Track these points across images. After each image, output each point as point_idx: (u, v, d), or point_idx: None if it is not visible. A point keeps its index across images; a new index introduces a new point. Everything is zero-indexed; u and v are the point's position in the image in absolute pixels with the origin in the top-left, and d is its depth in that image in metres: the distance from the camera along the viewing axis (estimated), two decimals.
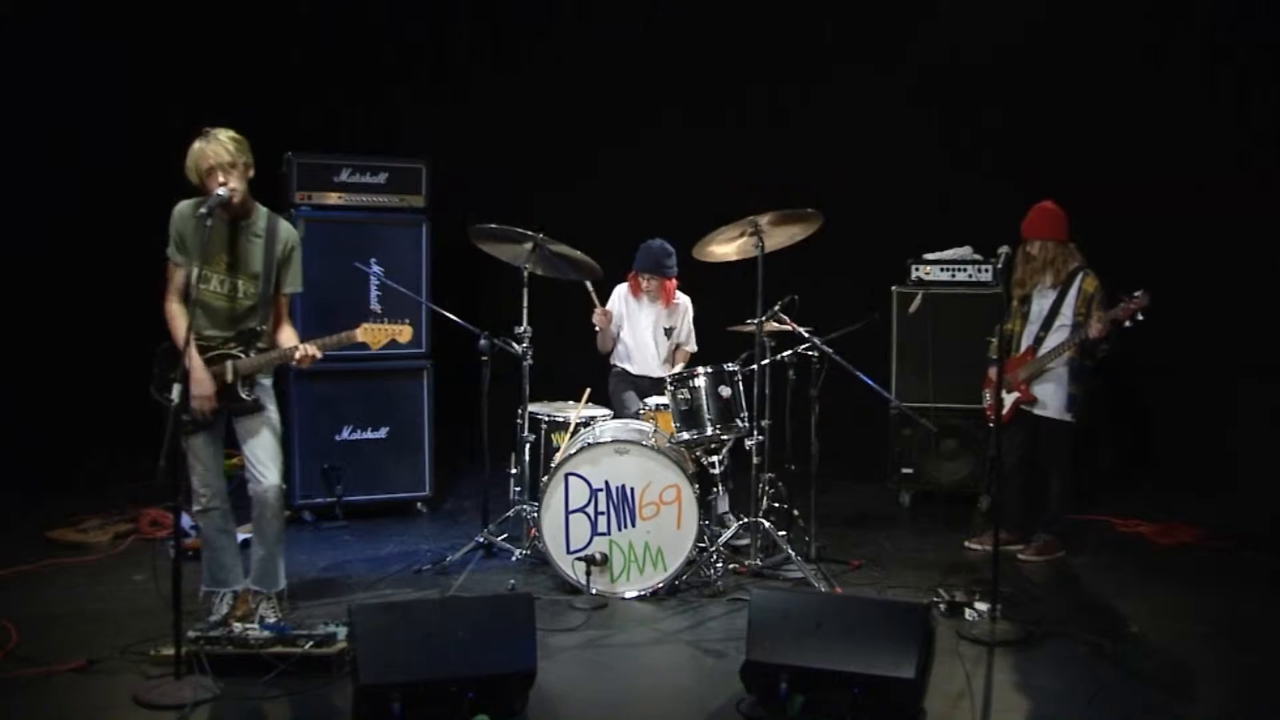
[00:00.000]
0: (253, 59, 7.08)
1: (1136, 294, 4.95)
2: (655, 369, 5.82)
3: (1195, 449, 6.77)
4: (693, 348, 5.92)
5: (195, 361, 3.95)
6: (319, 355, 4.17)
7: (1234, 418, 6.62)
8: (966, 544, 5.52)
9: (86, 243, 6.74)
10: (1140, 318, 4.94)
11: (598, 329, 5.82)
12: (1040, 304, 5.39)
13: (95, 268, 6.75)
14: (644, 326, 5.84)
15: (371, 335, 4.32)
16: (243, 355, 4.13)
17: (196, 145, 4.01)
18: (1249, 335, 6.48)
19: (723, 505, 5.49)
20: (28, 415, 6.55)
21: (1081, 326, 5.17)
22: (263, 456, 4.17)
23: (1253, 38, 6.52)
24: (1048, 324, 5.35)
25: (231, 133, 4.05)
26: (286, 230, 4.25)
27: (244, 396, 4.15)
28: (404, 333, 4.40)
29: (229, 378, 4.10)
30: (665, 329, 5.84)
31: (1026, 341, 5.41)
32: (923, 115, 7.26)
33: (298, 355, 4.13)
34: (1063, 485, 5.40)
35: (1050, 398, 5.32)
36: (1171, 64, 6.71)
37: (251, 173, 4.10)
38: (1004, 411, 5.30)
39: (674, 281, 5.80)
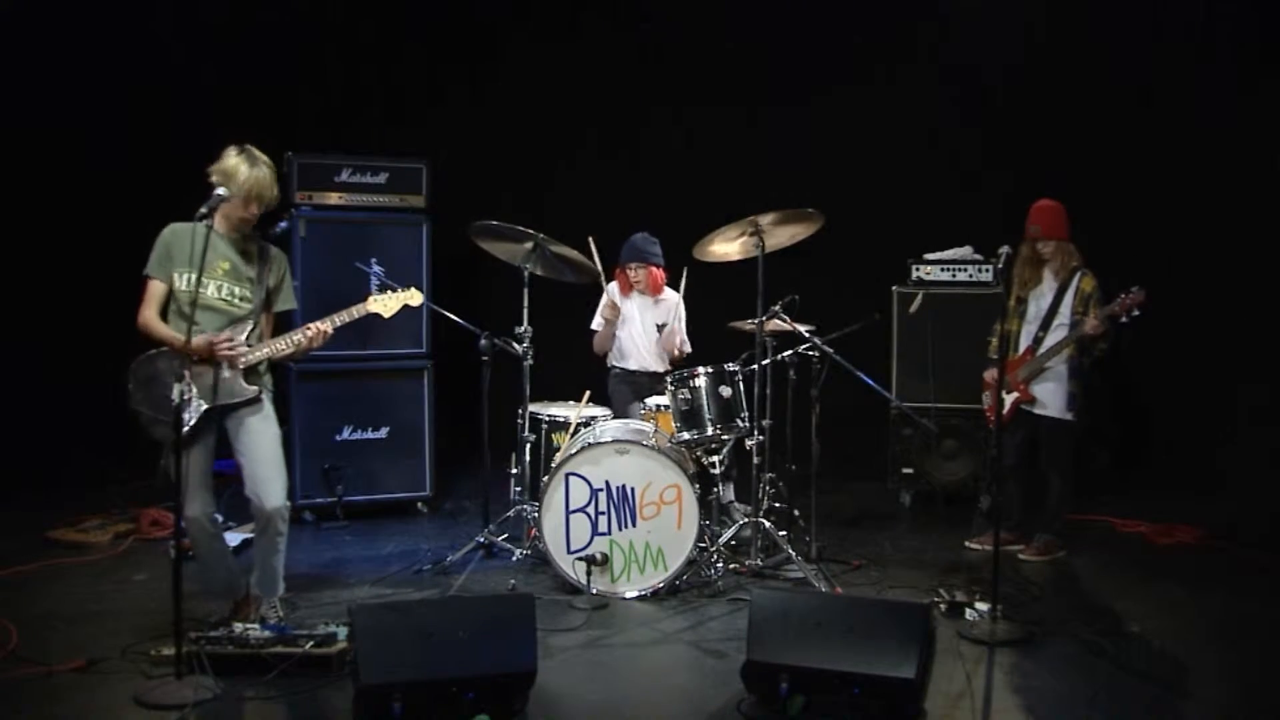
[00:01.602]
0: (253, 59, 7.08)
1: (1133, 289, 4.96)
2: (651, 363, 5.82)
3: (1195, 449, 6.77)
4: (686, 349, 5.91)
5: (195, 340, 3.91)
6: (329, 331, 4.18)
7: (1233, 418, 6.62)
8: (967, 544, 5.53)
9: (86, 243, 6.73)
10: (1137, 313, 4.94)
11: (602, 324, 5.81)
12: (1038, 304, 5.39)
13: (95, 267, 6.73)
14: (635, 322, 5.84)
15: (382, 305, 4.34)
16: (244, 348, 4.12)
17: (245, 169, 3.99)
18: (1249, 335, 6.48)
19: (728, 494, 5.49)
20: (28, 415, 6.55)
21: (1079, 325, 5.18)
22: (266, 474, 4.11)
23: (1255, 36, 6.52)
24: (1046, 323, 5.35)
25: (270, 164, 4.09)
26: (277, 253, 4.30)
27: (247, 387, 4.14)
28: (414, 296, 4.42)
29: (225, 372, 4.09)
30: (657, 325, 5.84)
31: (1025, 341, 5.41)
32: (923, 115, 7.26)
33: (310, 334, 4.13)
34: (1062, 485, 5.40)
35: (1050, 397, 5.32)
36: (1172, 62, 6.71)
37: None
38: (1004, 412, 5.30)
39: (661, 271, 5.80)
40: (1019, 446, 5.44)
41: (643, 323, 5.84)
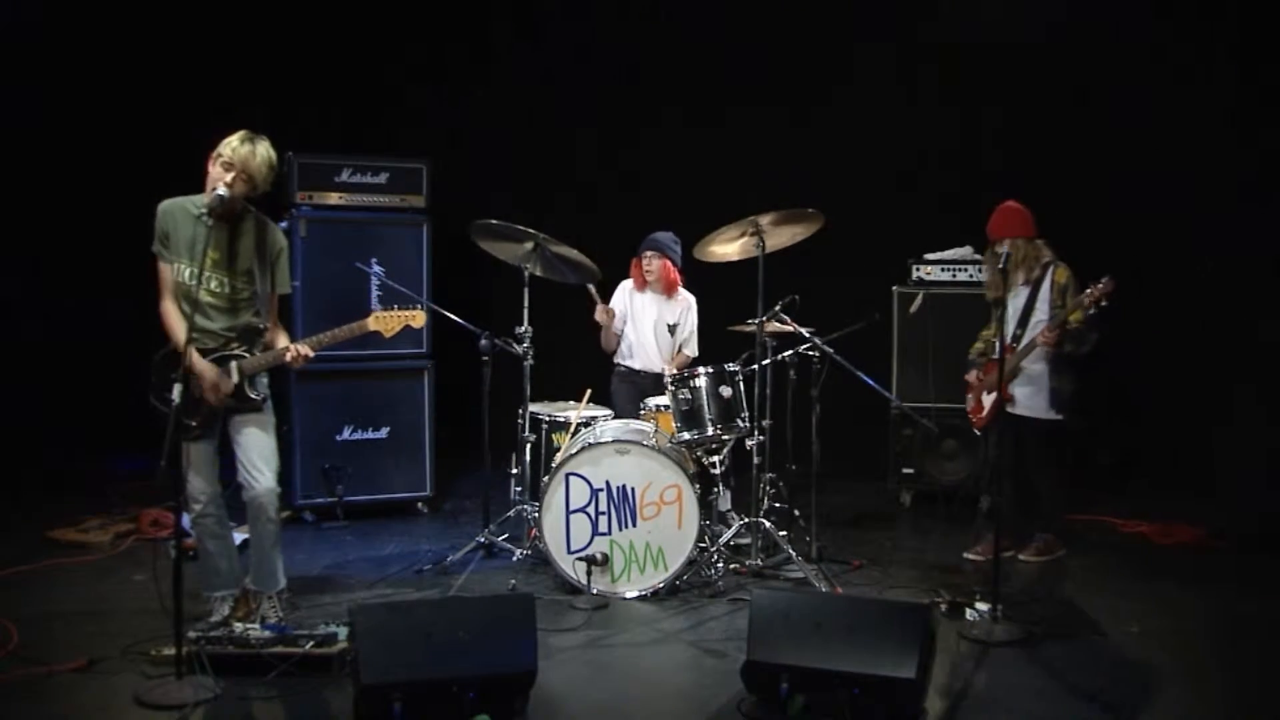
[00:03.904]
0: (254, 58, 7.08)
1: (1102, 280, 4.82)
2: (658, 364, 5.82)
3: (1195, 449, 6.77)
4: (693, 351, 5.91)
5: (195, 358, 3.94)
6: (310, 355, 4.16)
7: (1233, 418, 6.62)
8: (966, 555, 5.41)
9: (87, 243, 6.74)
10: (1105, 304, 4.80)
11: (602, 327, 5.81)
12: (1014, 304, 5.30)
13: (95, 267, 6.74)
14: (646, 321, 5.83)
15: (384, 323, 4.29)
16: (247, 354, 4.13)
17: (235, 140, 3.99)
18: (1248, 335, 6.47)
19: (725, 504, 5.49)
20: (29, 415, 6.55)
21: (1055, 319, 5.09)
22: (257, 460, 4.15)
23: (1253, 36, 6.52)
24: (1024, 321, 5.27)
25: (270, 152, 4.06)
26: (275, 231, 4.26)
27: (252, 396, 4.14)
28: (417, 318, 4.37)
29: (235, 378, 4.10)
30: (669, 325, 5.83)
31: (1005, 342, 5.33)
32: (924, 115, 7.26)
33: (288, 356, 4.12)
34: (1051, 485, 5.31)
35: (1031, 397, 5.22)
36: (1172, 64, 6.71)
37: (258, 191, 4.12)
38: (984, 414, 5.30)
39: (677, 272, 5.79)
40: (1013, 448, 5.39)
41: (654, 322, 5.83)
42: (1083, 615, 4.56)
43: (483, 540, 5.22)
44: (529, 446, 5.28)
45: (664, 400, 5.20)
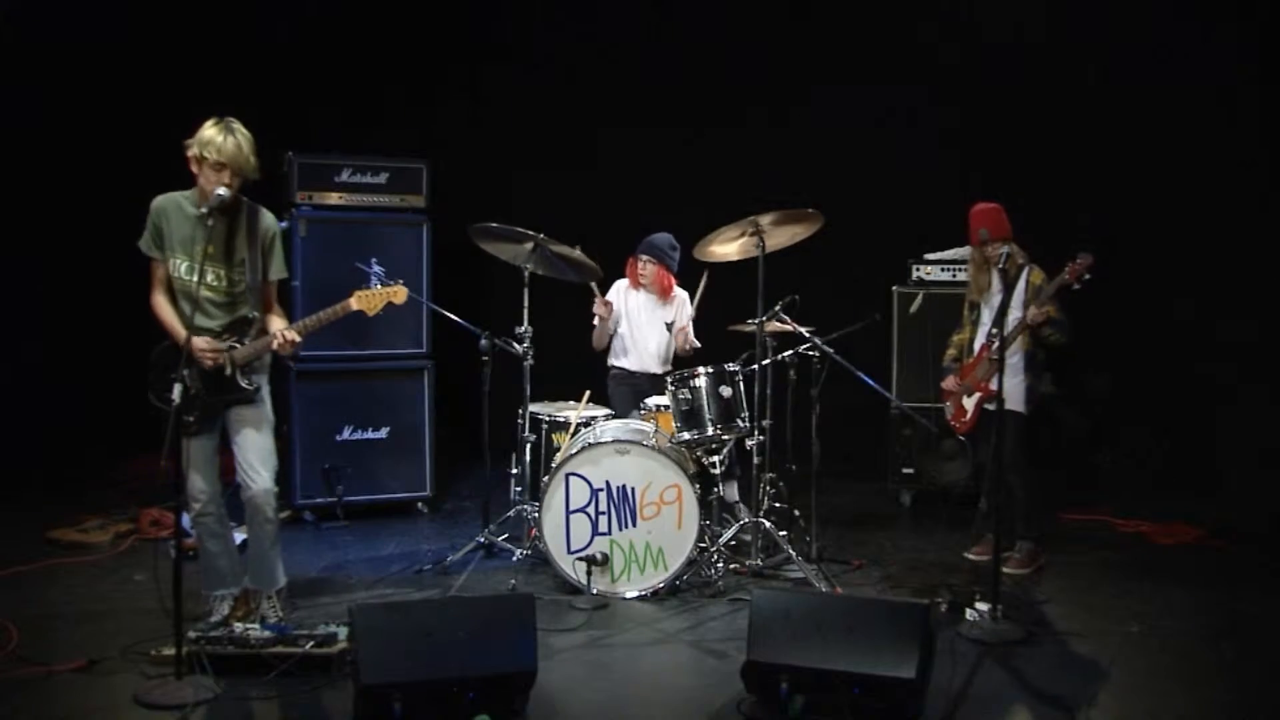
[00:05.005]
0: (254, 58, 7.08)
1: (1080, 256, 4.79)
2: (654, 365, 5.81)
3: (1195, 449, 6.77)
4: (694, 343, 5.88)
5: (192, 339, 3.92)
6: (298, 339, 4.13)
7: (1233, 417, 6.62)
8: (966, 555, 5.40)
9: (86, 242, 6.73)
10: (1087, 277, 4.76)
11: (597, 320, 5.81)
12: (990, 305, 5.24)
13: (95, 267, 6.74)
14: (643, 321, 5.83)
15: (367, 302, 4.28)
16: (238, 345, 4.12)
17: (218, 137, 3.95)
18: (1250, 335, 6.47)
19: (732, 494, 5.49)
20: (29, 415, 6.55)
21: (1024, 316, 5.05)
22: (254, 460, 4.15)
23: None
24: (999, 321, 5.21)
25: (248, 136, 4.02)
26: (267, 219, 4.22)
27: (245, 386, 4.14)
28: (399, 293, 4.35)
29: (228, 369, 4.10)
30: (666, 324, 5.82)
31: (980, 343, 5.30)
32: (924, 115, 7.26)
33: (275, 344, 4.10)
34: (1023, 481, 5.20)
35: (1007, 390, 5.16)
36: (1170, 61, 6.70)
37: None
38: (968, 417, 5.28)
39: (672, 277, 5.79)
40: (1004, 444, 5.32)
41: (649, 321, 5.83)
42: (1083, 615, 4.56)
43: (483, 540, 5.22)
44: (529, 446, 5.28)
45: (664, 400, 5.20)
